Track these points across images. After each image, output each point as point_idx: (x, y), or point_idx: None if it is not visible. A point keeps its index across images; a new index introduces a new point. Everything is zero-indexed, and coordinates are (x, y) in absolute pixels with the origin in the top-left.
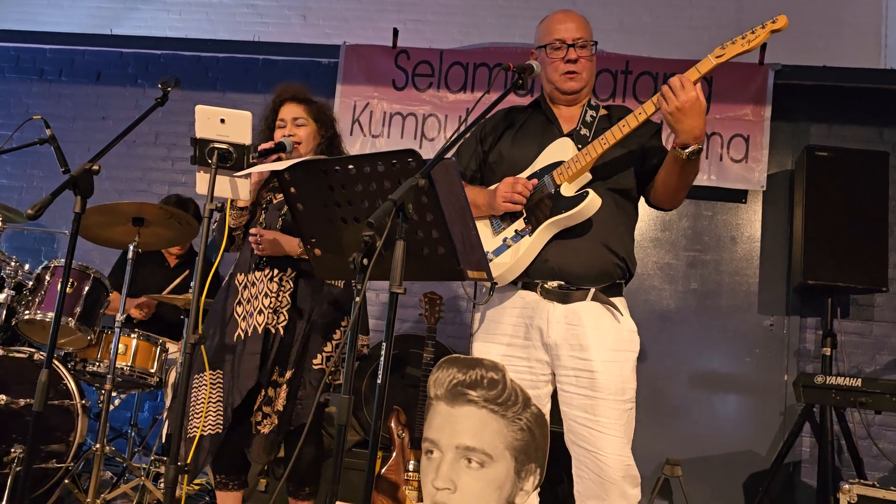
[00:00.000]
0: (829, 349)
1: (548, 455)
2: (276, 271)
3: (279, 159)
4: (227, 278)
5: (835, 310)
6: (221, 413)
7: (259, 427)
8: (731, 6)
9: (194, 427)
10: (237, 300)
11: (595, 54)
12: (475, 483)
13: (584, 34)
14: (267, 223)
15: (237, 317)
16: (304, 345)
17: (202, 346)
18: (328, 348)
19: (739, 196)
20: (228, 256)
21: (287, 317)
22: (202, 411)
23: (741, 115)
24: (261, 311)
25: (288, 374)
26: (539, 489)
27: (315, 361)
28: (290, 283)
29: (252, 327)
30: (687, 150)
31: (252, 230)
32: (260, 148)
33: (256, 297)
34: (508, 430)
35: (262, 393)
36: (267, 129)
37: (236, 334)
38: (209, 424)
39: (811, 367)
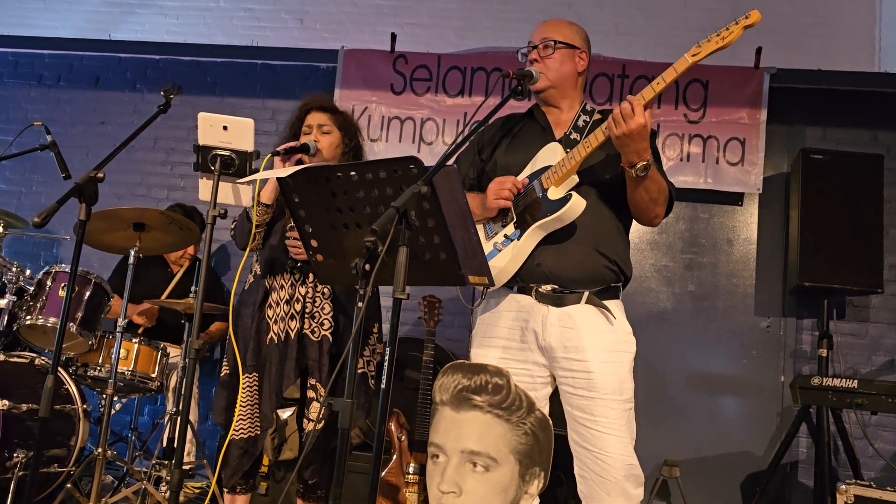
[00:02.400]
0: (825, 350)
1: (552, 459)
2: (310, 277)
3: (301, 161)
4: (251, 279)
5: (831, 311)
6: (258, 416)
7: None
8: (725, 8)
9: (238, 430)
10: (268, 303)
11: (558, 50)
12: (480, 486)
13: (551, 34)
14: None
15: (269, 320)
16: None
17: (235, 348)
18: (367, 353)
19: (736, 199)
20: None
21: (332, 323)
22: (238, 415)
23: (737, 118)
24: (293, 317)
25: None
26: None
27: (358, 366)
28: (329, 289)
29: (285, 332)
30: (635, 168)
31: (292, 234)
32: (283, 147)
33: (288, 301)
34: (513, 435)
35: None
36: (292, 136)
37: (269, 337)
38: (244, 428)
39: (807, 369)
